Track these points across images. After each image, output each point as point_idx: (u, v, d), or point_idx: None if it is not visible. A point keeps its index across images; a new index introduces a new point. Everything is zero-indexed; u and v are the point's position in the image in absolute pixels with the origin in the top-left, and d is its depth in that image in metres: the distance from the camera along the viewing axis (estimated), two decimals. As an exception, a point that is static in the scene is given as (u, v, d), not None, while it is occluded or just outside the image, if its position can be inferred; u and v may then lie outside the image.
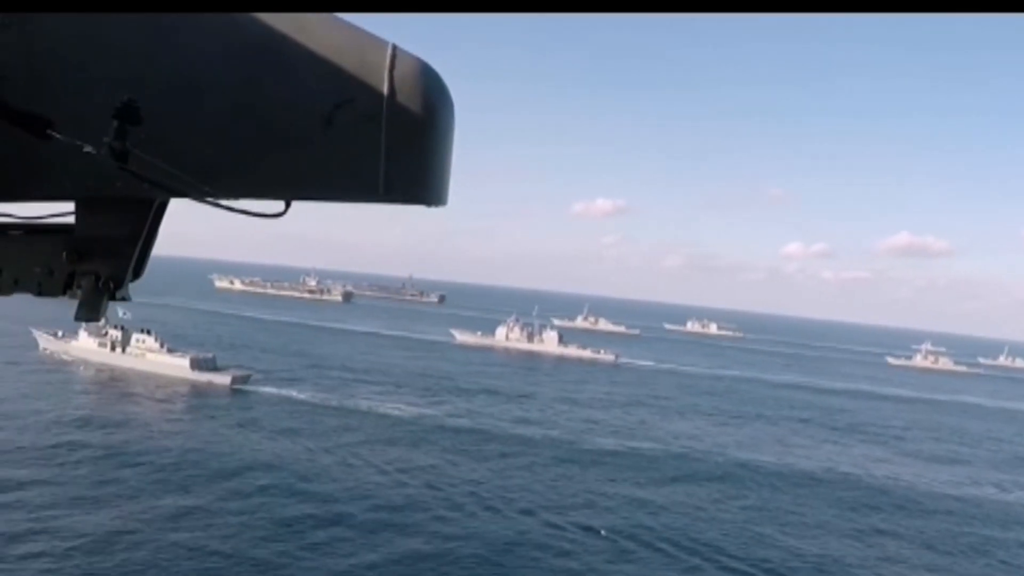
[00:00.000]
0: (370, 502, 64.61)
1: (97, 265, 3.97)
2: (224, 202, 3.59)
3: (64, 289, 4.04)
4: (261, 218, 3.71)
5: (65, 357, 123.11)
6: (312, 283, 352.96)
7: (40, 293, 4.09)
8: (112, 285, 3.98)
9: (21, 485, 61.33)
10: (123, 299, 4.10)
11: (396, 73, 3.42)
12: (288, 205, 3.70)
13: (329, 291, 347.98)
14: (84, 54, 3.53)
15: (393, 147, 3.43)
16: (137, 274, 4.16)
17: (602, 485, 76.06)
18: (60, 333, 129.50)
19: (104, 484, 63.45)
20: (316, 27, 3.48)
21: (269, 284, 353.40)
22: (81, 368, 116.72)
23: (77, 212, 3.97)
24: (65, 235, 4.03)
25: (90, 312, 3.95)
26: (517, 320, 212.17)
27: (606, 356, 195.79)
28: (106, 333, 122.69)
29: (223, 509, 59.63)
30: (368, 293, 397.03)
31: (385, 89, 3.39)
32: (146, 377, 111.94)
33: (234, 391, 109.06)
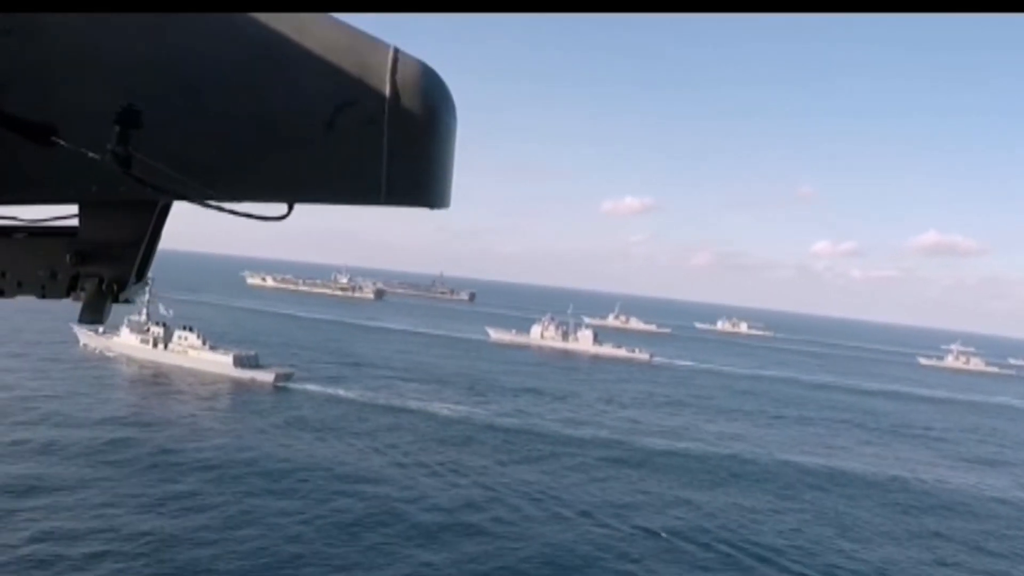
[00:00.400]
0: (427, 503, 63.87)
1: (101, 268, 4.00)
2: (227, 205, 3.59)
3: (68, 291, 4.06)
4: (264, 221, 3.70)
5: (107, 353, 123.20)
6: (344, 280, 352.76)
7: (44, 295, 4.12)
8: (116, 287, 4.01)
9: (80, 484, 60.93)
10: (127, 301, 4.14)
11: (398, 76, 3.40)
12: (291, 208, 3.71)
13: (361, 288, 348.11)
14: (86, 60, 3.48)
15: (395, 150, 3.41)
16: (140, 276, 4.22)
17: (654, 486, 75.46)
18: (101, 329, 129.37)
19: (159, 483, 63.08)
20: (318, 30, 3.45)
21: (301, 281, 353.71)
22: (123, 365, 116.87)
23: (81, 215, 3.97)
24: (69, 238, 4.04)
25: (94, 314, 3.94)
26: (552, 319, 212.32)
27: (641, 355, 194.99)
28: (148, 330, 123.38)
29: (281, 511, 59.00)
30: (398, 291, 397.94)
31: (387, 92, 3.38)
32: (189, 374, 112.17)
33: (277, 388, 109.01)
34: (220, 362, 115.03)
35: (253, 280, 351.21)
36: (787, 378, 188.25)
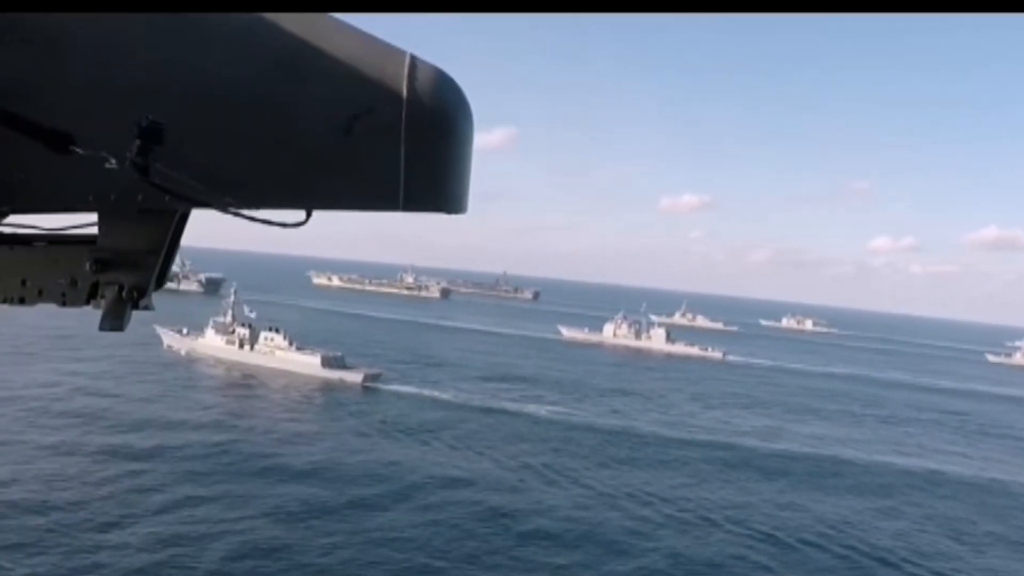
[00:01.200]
0: (547, 509, 63.12)
1: (120, 275, 4.01)
2: (245, 212, 3.58)
3: (88, 299, 4.10)
4: (283, 227, 3.69)
5: (191, 355, 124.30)
6: (410, 280, 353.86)
7: (64, 303, 4.14)
8: (136, 295, 4.01)
9: (194, 491, 60.64)
10: (146, 308, 4.10)
11: (414, 82, 3.41)
12: (309, 215, 3.71)
13: (427, 288, 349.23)
14: (104, 68, 3.50)
15: (412, 156, 3.42)
16: (160, 283, 4.20)
17: (764, 489, 74.89)
18: (185, 330, 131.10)
19: (271, 489, 62.83)
20: (334, 37, 3.45)
21: (368, 281, 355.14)
22: (210, 366, 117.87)
23: (100, 223, 3.99)
24: (88, 246, 4.06)
25: (114, 321, 3.95)
26: (624, 317, 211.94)
27: (714, 353, 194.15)
28: (233, 331, 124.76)
29: (404, 519, 58.41)
30: (463, 290, 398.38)
31: (404, 98, 3.39)
32: (277, 375, 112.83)
33: (366, 389, 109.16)
34: (308, 363, 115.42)
35: (319, 280, 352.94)
36: (861, 376, 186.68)
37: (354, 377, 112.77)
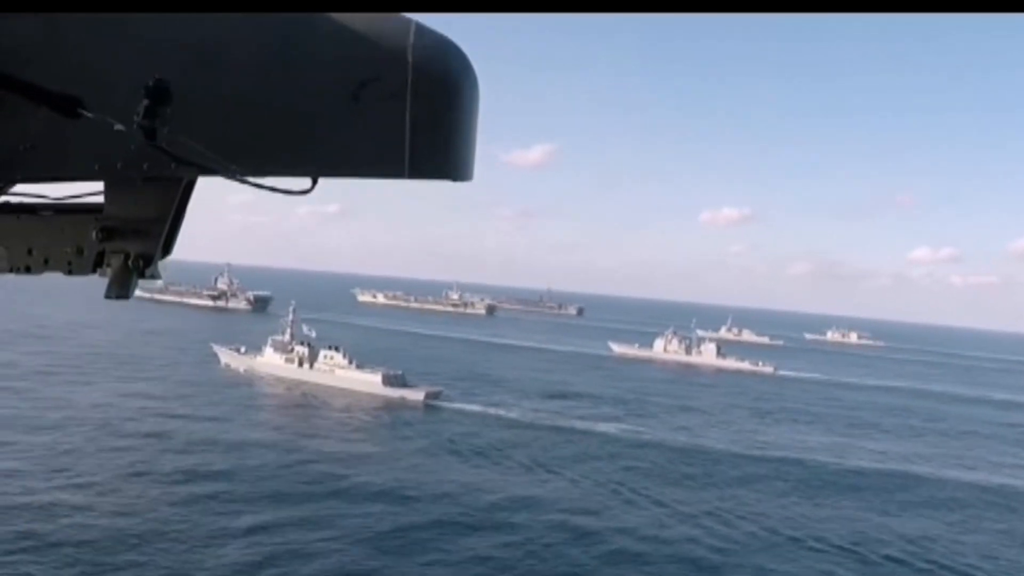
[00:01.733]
0: (636, 533, 61.99)
1: (127, 244, 4.05)
2: (252, 179, 3.63)
3: (94, 268, 4.15)
4: (288, 195, 3.72)
5: (250, 373, 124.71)
6: (455, 296, 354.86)
7: (71, 272, 4.22)
8: (142, 263, 4.06)
9: (283, 521, 59.36)
10: (152, 277, 4.14)
11: (420, 50, 3.43)
12: (315, 182, 3.71)
13: (472, 304, 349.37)
14: (112, 34, 3.54)
15: (418, 123, 3.45)
16: (167, 252, 4.22)
17: (844, 505, 74.64)
18: (243, 349, 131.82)
19: (351, 511, 62.15)
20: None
21: (413, 298, 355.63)
22: (269, 385, 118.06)
23: (106, 192, 4.02)
24: (95, 214, 4.09)
25: (120, 289, 4.01)
26: (675, 332, 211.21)
27: (765, 368, 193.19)
28: (292, 349, 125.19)
29: (489, 544, 57.31)
30: (507, 306, 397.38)
31: (409, 66, 3.41)
32: (337, 393, 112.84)
33: (428, 407, 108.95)
34: (369, 381, 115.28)
35: (364, 297, 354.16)
36: (915, 390, 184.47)
37: (415, 395, 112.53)
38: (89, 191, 4.10)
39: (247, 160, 3.54)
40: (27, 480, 62.28)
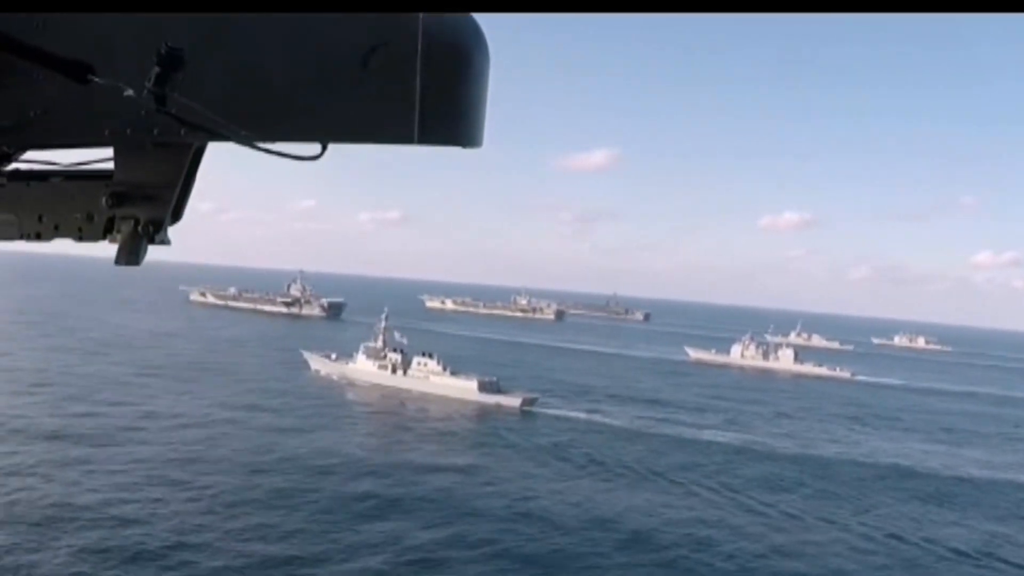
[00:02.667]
0: (780, 549, 61.10)
1: (136, 209, 4.04)
2: (261, 145, 3.64)
3: (104, 234, 4.13)
4: (297, 160, 3.73)
5: (343, 380, 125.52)
6: (523, 302, 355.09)
7: (80, 238, 4.19)
8: (152, 229, 4.04)
9: (428, 541, 58.77)
10: (162, 243, 4.14)
11: (430, 15, 3.41)
12: (324, 148, 3.72)
13: (541, 310, 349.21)
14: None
15: (428, 89, 3.44)
16: (176, 217, 4.21)
17: (982, 517, 73.89)
18: (334, 356, 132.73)
19: (492, 530, 60.83)
20: None
21: (481, 304, 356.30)
22: (363, 392, 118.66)
23: (116, 157, 4.02)
24: (105, 180, 4.09)
25: (130, 256, 4.00)
26: (752, 338, 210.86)
27: (842, 373, 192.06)
28: (385, 356, 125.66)
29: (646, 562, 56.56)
30: (574, 311, 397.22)
31: (420, 31, 3.39)
32: (432, 400, 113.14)
33: (524, 413, 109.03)
34: (465, 387, 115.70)
35: (432, 303, 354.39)
36: (1000, 396, 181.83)
37: (512, 401, 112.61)
38: (99, 157, 4.14)
39: (256, 126, 3.56)
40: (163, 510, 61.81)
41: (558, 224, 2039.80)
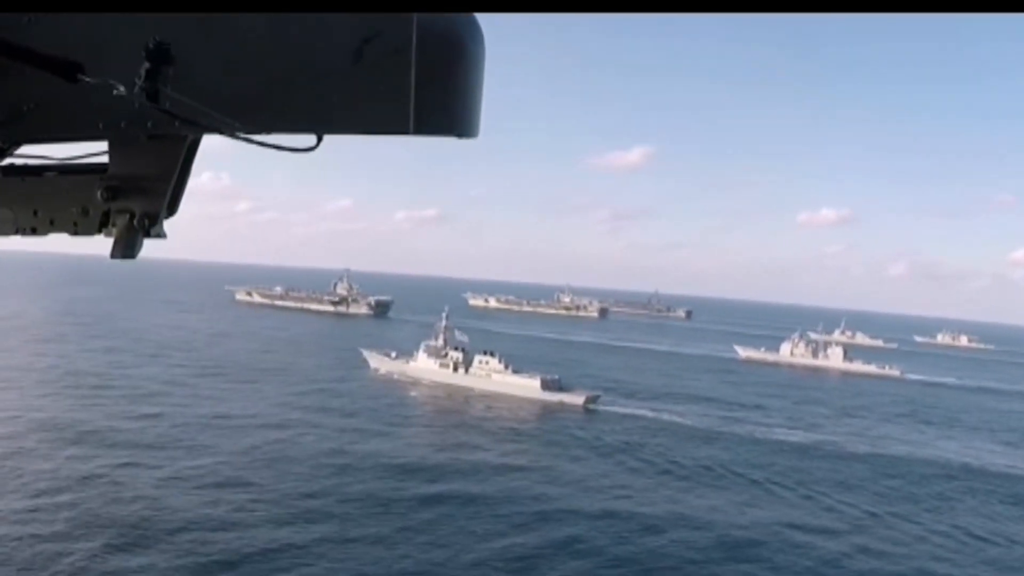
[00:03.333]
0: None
1: (132, 203, 4.06)
2: (255, 137, 3.60)
3: (100, 228, 4.14)
4: (292, 152, 3.69)
5: (402, 378, 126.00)
6: (566, 299, 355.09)
7: (76, 232, 4.19)
8: (147, 222, 4.06)
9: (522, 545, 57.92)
10: (158, 236, 4.13)
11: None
12: (320, 139, 3.68)
13: (585, 308, 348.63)
14: None
15: (423, 79, 3.41)
16: (172, 211, 4.22)
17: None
18: (394, 354, 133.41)
19: (588, 537, 60.40)
20: None
21: (525, 302, 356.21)
22: (426, 390, 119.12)
23: (110, 151, 4.03)
24: (99, 174, 4.10)
25: (126, 249, 4.01)
26: (800, 336, 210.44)
27: (892, 371, 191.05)
28: (446, 355, 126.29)
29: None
30: (615, 309, 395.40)
31: (414, 22, 3.37)
32: (496, 398, 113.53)
33: (588, 411, 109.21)
34: (528, 386, 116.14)
35: (475, 302, 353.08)
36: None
37: (575, 399, 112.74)
38: (93, 151, 4.14)
39: (251, 118, 3.58)
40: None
41: (594, 222, 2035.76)
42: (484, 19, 3.58)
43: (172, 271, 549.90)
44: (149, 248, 4.19)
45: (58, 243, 4.49)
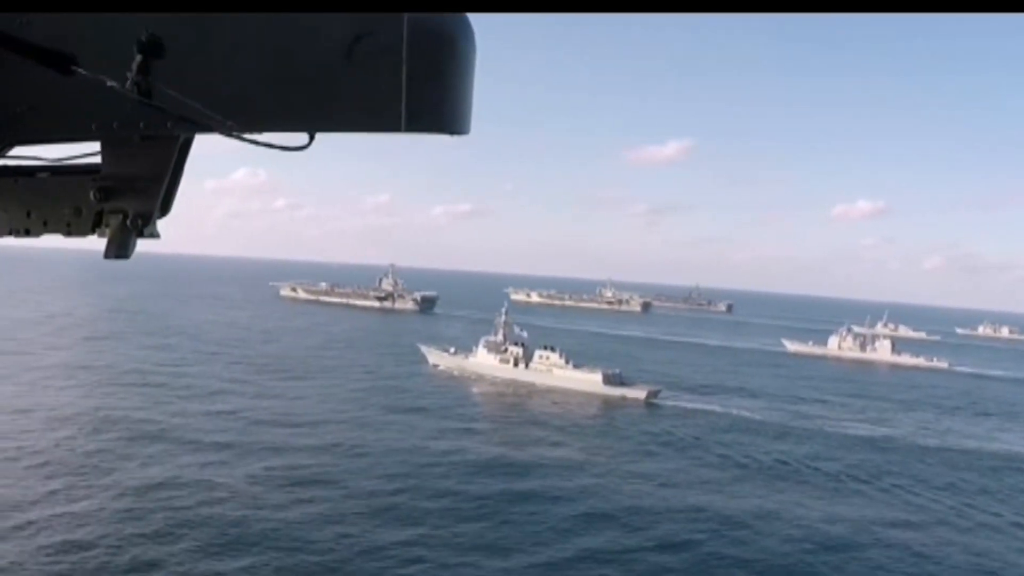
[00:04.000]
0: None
1: (125, 203, 4.08)
2: (248, 136, 3.64)
3: (93, 228, 4.17)
4: (284, 150, 3.74)
5: (461, 374, 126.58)
6: (609, 294, 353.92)
7: (69, 233, 4.23)
8: (140, 222, 4.08)
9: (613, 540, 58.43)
10: (151, 236, 4.16)
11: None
12: (312, 138, 3.71)
13: (627, 302, 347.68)
14: None
15: (414, 77, 3.45)
16: (165, 211, 4.24)
17: None
18: (452, 350, 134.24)
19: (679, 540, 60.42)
20: None
21: (567, 296, 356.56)
22: (487, 385, 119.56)
23: (103, 151, 4.05)
24: (92, 175, 4.11)
25: (119, 249, 4.05)
26: (848, 329, 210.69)
27: (940, 364, 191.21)
28: (506, 350, 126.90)
29: None
30: (658, 303, 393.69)
31: (405, 20, 3.40)
32: (558, 393, 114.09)
33: (650, 406, 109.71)
34: (589, 380, 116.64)
35: (517, 296, 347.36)
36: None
37: (637, 394, 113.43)
38: (85, 152, 4.17)
39: (243, 117, 3.64)
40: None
41: (631, 217, 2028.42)
42: (525, 22, 3.60)
43: (210, 266, 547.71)
44: (184, 244, 4.24)
45: (67, 239, 4.51)
